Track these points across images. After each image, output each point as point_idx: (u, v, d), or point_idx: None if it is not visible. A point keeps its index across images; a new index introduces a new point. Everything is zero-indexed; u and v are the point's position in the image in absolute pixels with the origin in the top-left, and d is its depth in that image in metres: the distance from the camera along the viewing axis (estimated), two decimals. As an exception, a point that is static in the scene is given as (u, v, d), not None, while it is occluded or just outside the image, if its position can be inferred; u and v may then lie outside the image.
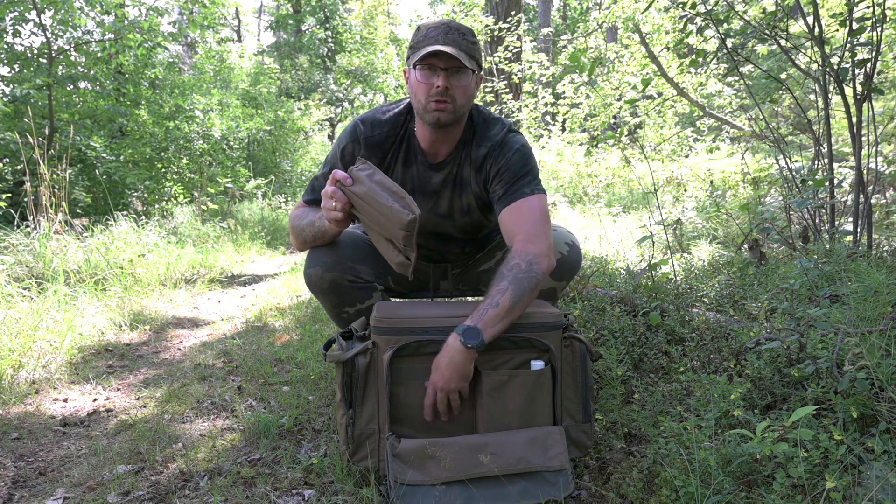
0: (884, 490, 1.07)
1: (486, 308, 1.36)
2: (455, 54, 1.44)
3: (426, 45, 1.47)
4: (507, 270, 1.42)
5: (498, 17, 8.71)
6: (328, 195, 1.46)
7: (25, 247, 3.56)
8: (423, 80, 1.49)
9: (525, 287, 1.39)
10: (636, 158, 7.16)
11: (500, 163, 1.58)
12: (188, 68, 11.99)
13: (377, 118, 1.64)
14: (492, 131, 1.62)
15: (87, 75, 5.65)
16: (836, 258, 1.97)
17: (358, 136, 1.62)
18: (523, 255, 1.43)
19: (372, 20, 21.65)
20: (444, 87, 1.47)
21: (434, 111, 1.50)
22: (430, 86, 1.49)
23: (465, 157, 1.64)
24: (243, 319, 3.40)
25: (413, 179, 1.66)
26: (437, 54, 1.45)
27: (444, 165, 1.64)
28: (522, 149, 1.59)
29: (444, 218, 1.72)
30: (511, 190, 1.55)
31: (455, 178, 1.66)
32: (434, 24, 1.50)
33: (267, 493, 1.44)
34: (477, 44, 1.53)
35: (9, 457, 1.70)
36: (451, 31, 1.48)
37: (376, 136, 1.62)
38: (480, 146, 1.61)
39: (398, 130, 1.63)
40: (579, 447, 1.48)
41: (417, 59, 1.47)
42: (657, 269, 2.59)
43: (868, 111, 2.52)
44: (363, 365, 1.40)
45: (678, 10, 3.01)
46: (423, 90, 1.50)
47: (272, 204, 8.98)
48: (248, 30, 25.99)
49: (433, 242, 1.79)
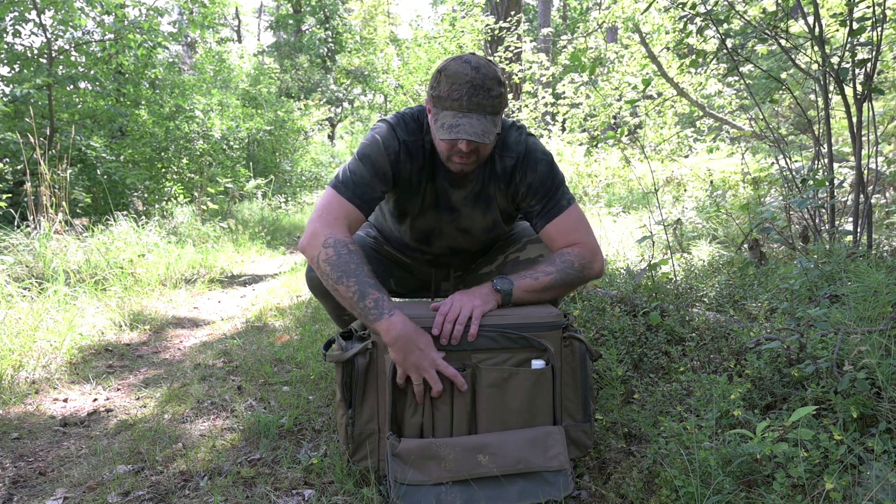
0: (884, 490, 1.07)
1: (526, 275, 1.46)
2: (479, 139, 1.36)
3: (449, 110, 1.38)
4: (559, 260, 1.49)
5: (498, 17, 8.71)
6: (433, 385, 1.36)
7: (25, 247, 3.56)
8: (445, 140, 1.41)
9: (568, 279, 1.48)
10: (636, 158, 7.16)
11: (529, 178, 1.55)
12: (188, 68, 11.99)
13: (408, 123, 1.54)
14: (511, 139, 1.57)
15: (88, 75, 5.65)
16: (836, 258, 1.97)
17: (398, 137, 1.51)
18: (579, 256, 1.51)
19: (372, 20, 21.66)
20: (468, 151, 1.42)
21: (458, 164, 1.46)
22: (452, 146, 1.43)
23: (488, 172, 1.58)
24: (243, 319, 3.40)
25: (438, 193, 1.61)
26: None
27: (465, 183, 1.58)
28: (546, 157, 1.57)
29: (464, 233, 1.69)
30: (549, 205, 1.55)
31: (478, 196, 1.61)
32: (457, 80, 1.37)
33: (267, 493, 1.44)
34: (504, 88, 1.43)
35: (9, 457, 1.70)
36: (476, 91, 1.36)
37: (411, 142, 1.53)
38: (504, 157, 1.56)
39: (424, 141, 1.55)
40: (579, 447, 1.48)
41: (437, 129, 1.39)
42: (657, 269, 2.59)
43: (868, 111, 2.52)
44: (363, 365, 1.40)
45: (678, 10, 3.01)
46: (445, 148, 1.45)
47: (272, 204, 8.98)
48: (248, 30, 25.99)
49: (445, 252, 1.77)
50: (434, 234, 1.70)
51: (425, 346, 1.34)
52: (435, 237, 1.71)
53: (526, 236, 1.72)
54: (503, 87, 1.42)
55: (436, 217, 1.65)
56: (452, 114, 1.38)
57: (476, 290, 1.44)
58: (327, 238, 1.41)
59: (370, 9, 22.14)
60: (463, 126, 1.36)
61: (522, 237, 1.73)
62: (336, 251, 1.39)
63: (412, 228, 1.69)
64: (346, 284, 1.36)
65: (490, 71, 1.39)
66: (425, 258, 1.82)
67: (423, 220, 1.66)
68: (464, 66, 1.38)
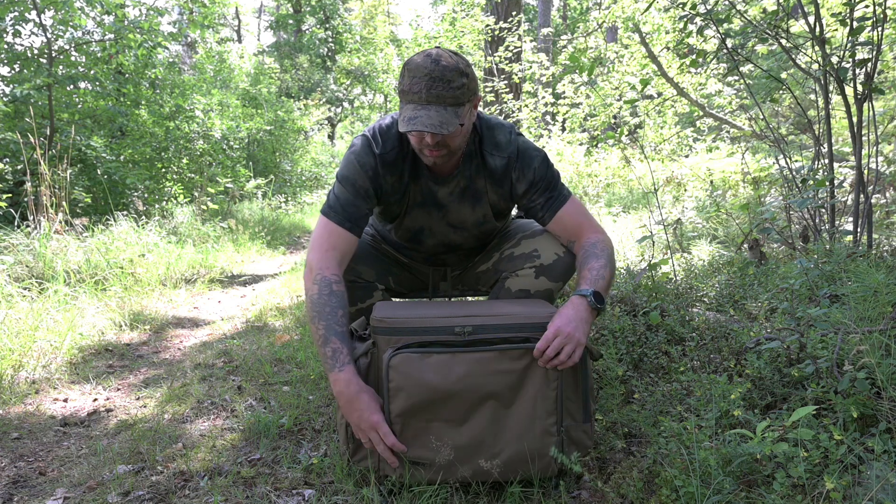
0: (884, 490, 1.07)
1: (597, 279, 1.47)
2: (436, 130, 1.35)
3: (409, 103, 1.40)
4: (598, 251, 1.55)
5: (498, 17, 8.71)
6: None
7: (26, 247, 3.56)
8: (405, 132, 1.42)
9: (614, 265, 1.55)
10: (636, 158, 7.16)
11: (528, 175, 1.58)
12: (188, 68, 11.98)
13: (385, 133, 1.56)
14: (499, 138, 1.58)
15: (88, 75, 5.65)
16: (836, 258, 1.97)
17: (373, 152, 1.54)
18: (600, 240, 1.58)
19: (372, 20, 21.66)
20: (432, 143, 1.43)
21: (429, 156, 1.48)
22: (420, 138, 1.44)
23: (474, 168, 1.60)
24: (243, 319, 3.40)
25: (423, 192, 1.63)
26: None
27: (450, 179, 1.61)
28: (539, 153, 1.61)
29: (456, 228, 1.70)
30: (551, 199, 1.60)
31: (465, 190, 1.63)
32: (417, 72, 1.38)
33: (267, 493, 1.45)
34: (467, 79, 1.41)
35: (9, 457, 1.70)
36: (434, 83, 1.37)
37: (389, 153, 1.55)
38: (494, 156, 1.58)
39: (404, 146, 1.57)
40: (579, 447, 1.47)
41: (399, 121, 1.40)
42: (657, 268, 2.59)
43: (868, 111, 2.52)
44: (364, 365, 1.40)
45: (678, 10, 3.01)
46: (414, 140, 1.46)
47: (272, 204, 8.98)
48: (248, 30, 26.01)
49: (440, 249, 1.78)
50: (424, 233, 1.72)
51: (366, 407, 1.34)
52: (425, 235, 1.73)
53: (521, 232, 1.74)
54: (466, 78, 1.41)
55: (424, 215, 1.67)
56: (413, 106, 1.40)
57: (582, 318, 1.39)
58: (317, 275, 1.48)
59: (370, 9, 22.14)
60: (420, 118, 1.37)
61: (517, 233, 1.74)
62: (319, 290, 1.46)
63: (400, 228, 1.71)
64: (317, 326, 1.43)
65: (451, 62, 1.39)
66: (421, 256, 1.83)
67: (411, 219, 1.68)
68: (425, 60, 1.39)
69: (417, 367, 1.34)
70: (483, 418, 1.37)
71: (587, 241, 1.58)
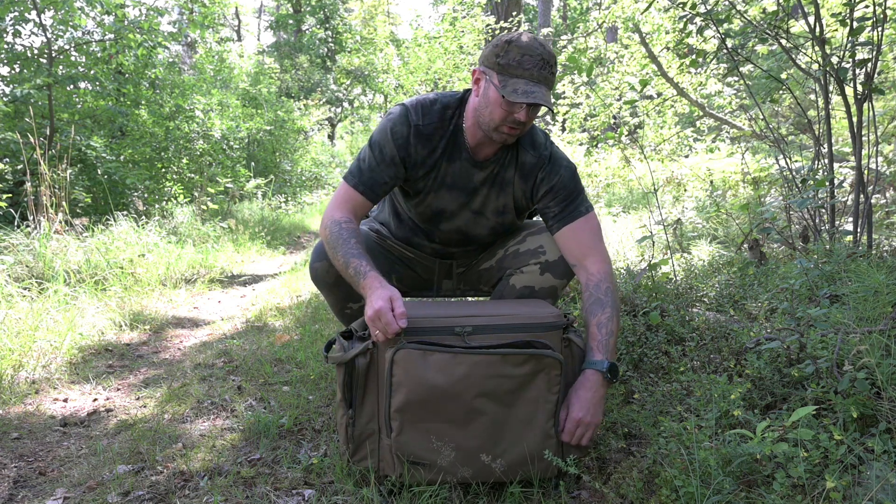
0: (884, 490, 1.07)
1: (606, 338, 1.48)
2: (550, 105, 1.43)
3: (520, 78, 1.44)
4: (603, 296, 1.53)
5: (498, 17, 8.72)
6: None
7: (26, 247, 3.56)
8: (505, 107, 1.46)
9: (619, 306, 1.55)
10: (636, 158, 7.15)
11: (552, 179, 1.61)
12: (188, 68, 11.98)
13: (427, 107, 1.60)
14: (538, 139, 1.64)
15: (88, 75, 5.65)
16: (836, 258, 1.96)
17: (409, 122, 1.57)
18: (606, 276, 1.56)
19: (372, 20, 21.66)
20: (524, 121, 1.47)
21: (505, 134, 1.51)
22: (509, 114, 1.47)
23: (509, 159, 1.64)
24: (243, 319, 3.40)
25: (455, 174, 1.64)
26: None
27: (487, 164, 1.63)
28: (570, 165, 1.64)
29: (476, 214, 1.71)
30: (569, 209, 1.61)
31: (496, 178, 1.66)
32: (530, 52, 1.44)
33: (267, 493, 1.45)
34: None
35: (9, 457, 1.70)
36: (545, 65, 1.44)
37: (426, 126, 1.58)
38: (527, 152, 1.62)
39: (446, 124, 1.60)
40: (579, 449, 1.47)
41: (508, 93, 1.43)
42: (657, 269, 2.59)
43: (868, 111, 2.51)
44: (363, 365, 1.40)
45: (678, 10, 3.01)
46: (500, 115, 1.48)
47: (272, 204, 8.98)
48: (248, 30, 26.01)
49: (452, 238, 1.78)
50: (444, 215, 1.72)
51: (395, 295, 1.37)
52: (444, 218, 1.72)
53: (525, 229, 1.75)
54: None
55: (450, 197, 1.68)
56: (524, 81, 1.44)
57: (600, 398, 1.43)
58: (328, 221, 1.58)
59: (370, 9, 22.14)
60: (536, 93, 1.43)
61: (522, 230, 1.76)
62: (330, 231, 1.56)
63: (422, 205, 1.71)
64: (336, 258, 1.52)
65: (551, 50, 1.49)
66: (432, 246, 1.82)
67: (435, 198, 1.68)
68: (533, 42, 1.46)
69: (419, 365, 1.33)
70: (484, 420, 1.37)
71: (592, 278, 1.56)
